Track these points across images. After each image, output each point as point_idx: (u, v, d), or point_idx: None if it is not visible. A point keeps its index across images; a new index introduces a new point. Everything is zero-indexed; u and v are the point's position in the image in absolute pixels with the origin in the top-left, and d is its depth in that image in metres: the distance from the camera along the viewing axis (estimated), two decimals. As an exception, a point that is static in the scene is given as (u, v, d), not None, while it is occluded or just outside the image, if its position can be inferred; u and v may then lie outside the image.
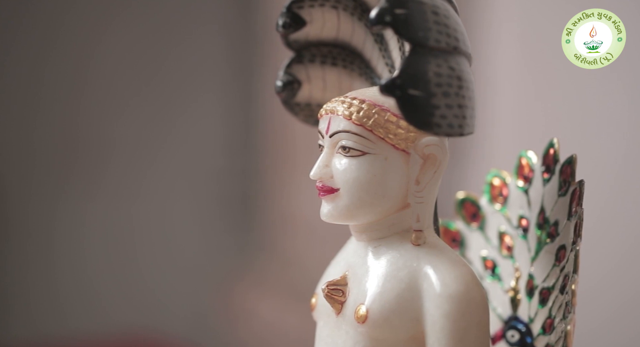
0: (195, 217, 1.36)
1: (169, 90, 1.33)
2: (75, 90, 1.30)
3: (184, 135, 1.35)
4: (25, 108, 1.28)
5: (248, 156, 1.36)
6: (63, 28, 1.27)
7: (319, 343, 0.41)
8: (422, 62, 0.35)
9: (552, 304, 0.40)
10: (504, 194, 0.45)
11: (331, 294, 0.40)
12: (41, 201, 1.30)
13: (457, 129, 0.36)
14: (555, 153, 0.42)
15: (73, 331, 1.24)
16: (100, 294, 1.30)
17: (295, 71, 0.45)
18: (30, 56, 1.26)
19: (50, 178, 1.30)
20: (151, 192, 1.33)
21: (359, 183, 0.38)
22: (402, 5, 0.35)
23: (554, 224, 0.41)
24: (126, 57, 1.31)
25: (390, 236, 0.39)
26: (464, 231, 0.47)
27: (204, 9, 1.34)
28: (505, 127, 0.64)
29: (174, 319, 1.31)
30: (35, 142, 1.29)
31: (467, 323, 0.36)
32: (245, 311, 1.24)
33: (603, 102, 0.64)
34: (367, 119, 0.38)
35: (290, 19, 0.43)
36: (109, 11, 1.29)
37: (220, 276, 1.32)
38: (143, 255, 1.33)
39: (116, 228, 1.32)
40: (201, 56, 1.34)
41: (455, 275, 0.37)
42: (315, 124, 0.45)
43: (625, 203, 0.67)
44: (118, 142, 1.32)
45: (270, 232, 1.29)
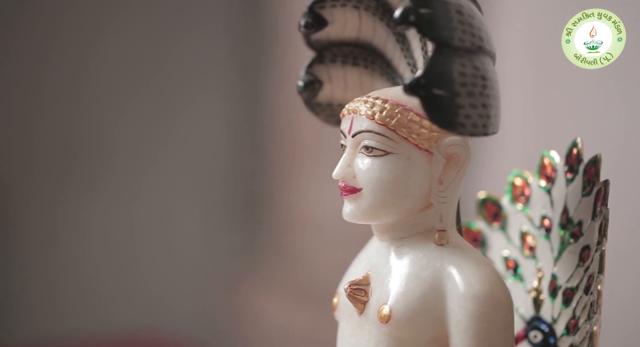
0: (201, 218, 1.35)
1: (171, 89, 1.32)
2: (76, 90, 1.29)
3: (188, 135, 1.34)
4: (26, 108, 1.28)
5: (255, 156, 1.36)
6: (63, 28, 1.27)
7: (341, 343, 0.41)
8: (447, 61, 0.35)
9: (576, 305, 0.40)
10: (526, 194, 0.45)
11: (354, 293, 0.40)
12: (43, 201, 1.29)
13: (482, 128, 0.36)
14: (578, 153, 0.41)
15: (76, 331, 1.23)
16: (104, 294, 1.29)
17: (316, 71, 0.45)
18: (30, 56, 1.26)
19: (52, 178, 1.29)
20: (156, 193, 1.33)
21: (382, 183, 0.38)
22: (426, 4, 0.35)
23: (578, 224, 0.41)
24: (127, 56, 1.30)
25: (413, 235, 0.39)
26: (485, 231, 0.47)
27: (207, 7, 1.33)
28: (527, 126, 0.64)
29: (180, 319, 1.30)
30: (36, 142, 1.29)
31: (492, 323, 0.36)
32: (252, 311, 1.24)
33: (626, 100, 0.64)
34: (390, 119, 0.38)
35: (312, 19, 0.43)
36: (109, 11, 1.28)
37: (227, 276, 1.31)
38: (148, 255, 1.32)
39: (119, 228, 1.31)
40: (204, 55, 1.33)
41: (479, 275, 0.37)
42: (336, 124, 0.45)
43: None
44: (121, 142, 1.31)
45: (277, 232, 1.28)
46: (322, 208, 1.14)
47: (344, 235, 1.10)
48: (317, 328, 1.11)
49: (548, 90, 0.66)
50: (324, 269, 1.12)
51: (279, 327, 1.17)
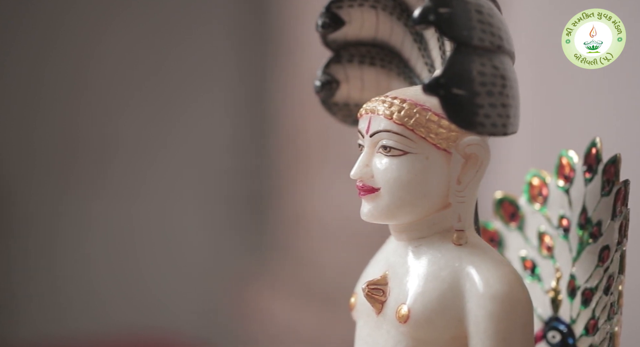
0: (206, 217, 1.35)
1: (175, 88, 1.32)
2: (77, 89, 1.29)
3: (192, 135, 1.33)
4: (26, 108, 1.28)
5: (261, 155, 1.35)
6: (63, 28, 1.27)
7: (359, 342, 0.41)
8: (466, 61, 0.35)
9: (596, 305, 0.40)
10: (544, 193, 0.45)
11: (372, 293, 0.40)
12: (44, 201, 1.29)
13: (501, 128, 0.36)
14: (597, 152, 0.41)
15: (77, 331, 1.23)
16: (108, 295, 1.29)
17: (333, 71, 0.45)
18: (30, 56, 1.26)
19: (53, 178, 1.29)
20: (159, 193, 1.32)
21: (400, 183, 0.38)
22: (446, 4, 0.35)
23: (597, 224, 0.41)
24: (129, 56, 1.30)
25: (431, 235, 0.39)
26: (502, 231, 0.47)
27: (210, 6, 1.33)
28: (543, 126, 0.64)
29: (186, 319, 1.30)
30: (37, 142, 1.29)
31: (511, 324, 0.36)
32: (258, 311, 1.24)
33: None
34: (409, 119, 0.38)
35: (330, 19, 0.43)
36: (109, 11, 1.28)
37: (233, 276, 1.31)
38: (152, 255, 1.32)
39: (123, 228, 1.31)
40: (208, 53, 1.33)
41: (498, 275, 0.37)
42: (353, 123, 0.45)
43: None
44: (124, 142, 1.31)
45: (282, 232, 1.28)
46: (328, 207, 1.14)
47: (350, 234, 1.10)
48: (324, 328, 1.11)
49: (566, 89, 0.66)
50: (330, 268, 1.13)
51: (285, 327, 1.17)
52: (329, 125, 1.17)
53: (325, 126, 1.14)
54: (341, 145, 1.10)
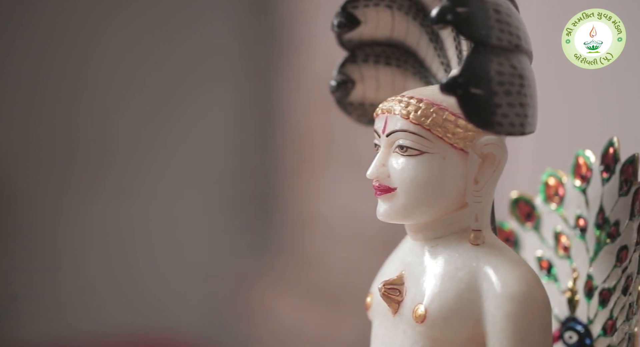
0: (211, 217, 1.35)
1: (178, 88, 1.32)
2: (77, 89, 1.29)
3: (196, 134, 1.33)
4: (26, 108, 1.28)
5: (266, 155, 1.35)
6: (63, 28, 1.27)
7: (375, 342, 0.41)
8: (484, 60, 0.35)
9: (614, 306, 0.39)
10: (560, 193, 0.45)
11: (388, 293, 0.39)
12: (45, 201, 1.29)
13: (519, 127, 0.36)
14: (615, 152, 0.41)
15: (81, 331, 1.24)
16: (112, 295, 1.29)
17: (348, 71, 0.45)
18: (30, 56, 1.26)
19: (54, 178, 1.29)
20: (163, 193, 1.32)
21: (417, 182, 0.38)
22: (463, 3, 0.35)
23: (615, 224, 0.40)
24: (130, 55, 1.30)
25: (448, 235, 0.39)
26: (517, 231, 0.47)
27: (213, 4, 1.32)
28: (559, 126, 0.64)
29: (191, 319, 1.30)
30: (38, 142, 1.29)
31: (529, 324, 0.36)
32: (263, 311, 1.24)
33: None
34: (425, 118, 0.38)
35: (345, 19, 0.43)
36: (110, 11, 1.28)
37: (239, 275, 1.31)
38: (156, 256, 1.32)
39: (126, 229, 1.31)
40: (211, 53, 1.32)
41: (516, 275, 0.37)
42: (368, 123, 0.45)
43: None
44: (127, 141, 1.31)
45: (287, 232, 1.28)
46: (332, 207, 1.14)
47: (355, 235, 1.10)
48: (328, 328, 1.11)
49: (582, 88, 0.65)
50: (334, 268, 1.12)
51: (289, 327, 1.17)
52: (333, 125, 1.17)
53: (330, 126, 1.15)
54: (346, 145, 1.10)
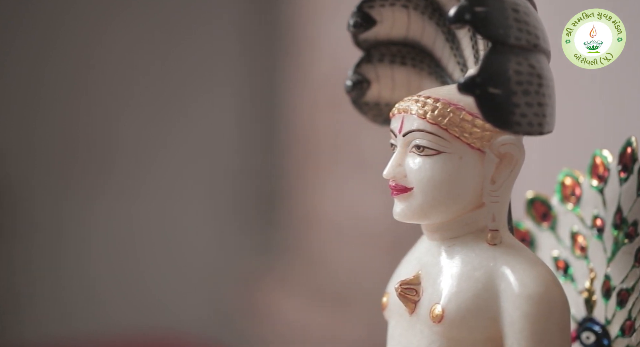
0: (215, 218, 1.35)
1: (182, 88, 1.32)
2: (79, 90, 1.29)
3: (200, 134, 1.33)
4: (26, 108, 1.28)
5: (271, 155, 1.35)
6: (63, 28, 1.27)
7: (391, 342, 0.41)
8: (503, 60, 0.35)
9: (632, 306, 0.39)
10: (577, 193, 0.44)
11: (405, 293, 0.39)
12: (46, 202, 1.29)
13: (537, 127, 0.36)
14: (633, 152, 0.41)
15: (84, 332, 1.24)
16: (114, 295, 1.29)
17: (364, 71, 0.45)
18: (30, 56, 1.26)
19: (55, 178, 1.29)
20: (167, 193, 1.32)
21: (433, 182, 0.38)
22: (482, 2, 0.35)
23: (633, 224, 0.40)
24: (131, 55, 1.30)
25: (464, 235, 0.39)
26: (533, 231, 0.47)
27: (216, 4, 1.32)
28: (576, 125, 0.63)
29: (197, 319, 1.30)
30: (38, 142, 1.29)
31: (548, 324, 0.36)
32: (268, 311, 1.24)
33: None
34: (442, 118, 0.38)
35: (361, 19, 0.43)
36: (110, 10, 1.28)
37: (244, 276, 1.31)
38: (160, 256, 1.32)
39: (128, 229, 1.31)
40: (215, 52, 1.32)
41: (534, 275, 0.37)
42: (383, 123, 0.45)
43: None
44: (129, 142, 1.31)
45: (293, 232, 1.28)
46: (338, 207, 1.13)
47: (361, 234, 1.10)
48: (334, 328, 1.11)
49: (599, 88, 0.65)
50: (340, 268, 1.12)
51: (295, 327, 1.17)
52: (339, 125, 1.16)
53: (335, 126, 1.14)
54: (352, 144, 1.10)
